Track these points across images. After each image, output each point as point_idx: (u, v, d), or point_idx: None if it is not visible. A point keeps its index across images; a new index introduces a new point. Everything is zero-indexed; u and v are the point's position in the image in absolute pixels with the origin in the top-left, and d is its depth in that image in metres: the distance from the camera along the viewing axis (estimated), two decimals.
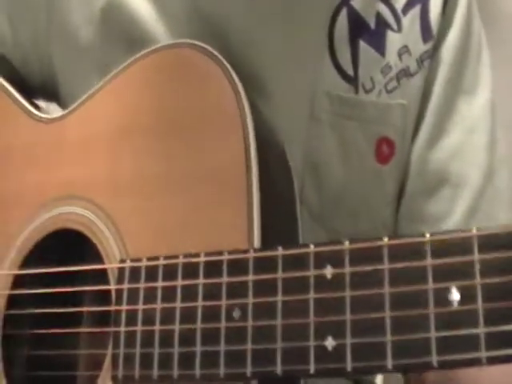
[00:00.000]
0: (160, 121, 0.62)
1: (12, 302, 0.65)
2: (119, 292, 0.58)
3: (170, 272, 0.56)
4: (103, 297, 0.60)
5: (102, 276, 0.60)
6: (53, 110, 0.73)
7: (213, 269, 0.55)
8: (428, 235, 0.49)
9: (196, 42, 0.61)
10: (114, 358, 0.57)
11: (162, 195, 0.60)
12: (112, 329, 0.58)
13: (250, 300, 0.53)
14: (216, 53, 0.60)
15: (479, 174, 0.72)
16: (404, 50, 0.70)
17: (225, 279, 0.54)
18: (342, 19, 0.69)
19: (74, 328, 0.64)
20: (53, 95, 0.76)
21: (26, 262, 0.65)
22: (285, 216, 0.60)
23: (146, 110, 0.63)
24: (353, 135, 0.69)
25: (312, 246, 0.53)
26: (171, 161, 0.60)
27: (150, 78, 0.63)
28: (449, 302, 0.48)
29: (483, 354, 0.46)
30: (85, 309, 0.61)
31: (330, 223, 0.69)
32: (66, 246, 0.63)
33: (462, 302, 0.47)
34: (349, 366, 0.50)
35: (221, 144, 0.59)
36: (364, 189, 0.70)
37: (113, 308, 0.58)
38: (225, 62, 0.59)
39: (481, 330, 0.47)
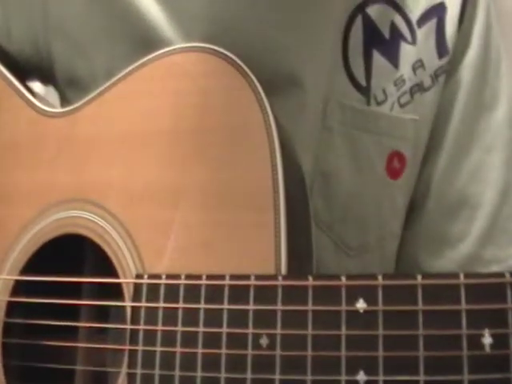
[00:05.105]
0: (179, 129, 0.58)
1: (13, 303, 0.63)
2: (136, 310, 0.57)
3: (192, 293, 0.55)
4: (102, 294, 0.59)
5: (111, 287, 0.59)
6: (49, 95, 0.70)
7: (239, 294, 0.54)
8: (462, 277, 0.51)
9: (217, 48, 0.58)
10: (131, 377, 0.56)
11: (182, 209, 0.57)
12: (128, 347, 0.56)
13: (279, 330, 0.53)
14: (240, 62, 0.57)
15: (496, 192, 0.73)
16: (418, 65, 0.69)
17: (251, 306, 0.54)
18: (357, 27, 0.67)
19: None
20: (49, 79, 0.72)
21: (30, 264, 0.62)
22: (302, 235, 0.60)
23: (164, 117, 0.59)
24: (365, 147, 0.68)
25: (343, 279, 0.53)
26: (193, 173, 0.57)
27: (168, 81, 0.60)
28: (482, 346, 0.50)
29: None
30: (97, 325, 0.59)
31: (337, 232, 0.68)
32: (71, 251, 0.61)
33: (494, 346, 0.49)
34: None
35: (245, 160, 0.56)
36: (374, 201, 0.70)
37: (128, 327, 0.56)
38: (250, 74, 0.57)
39: None
